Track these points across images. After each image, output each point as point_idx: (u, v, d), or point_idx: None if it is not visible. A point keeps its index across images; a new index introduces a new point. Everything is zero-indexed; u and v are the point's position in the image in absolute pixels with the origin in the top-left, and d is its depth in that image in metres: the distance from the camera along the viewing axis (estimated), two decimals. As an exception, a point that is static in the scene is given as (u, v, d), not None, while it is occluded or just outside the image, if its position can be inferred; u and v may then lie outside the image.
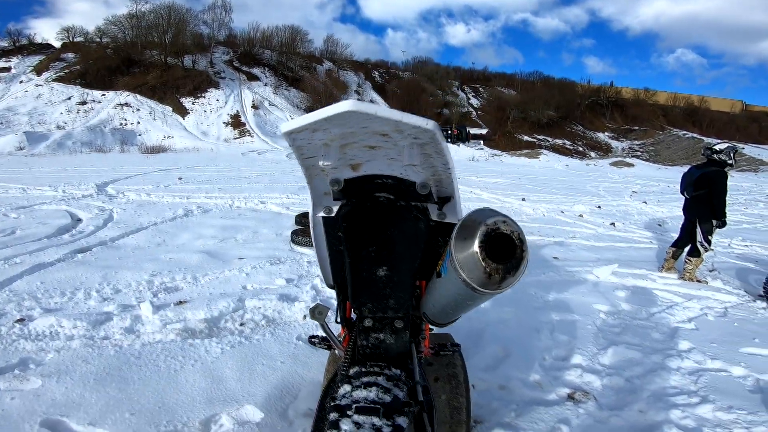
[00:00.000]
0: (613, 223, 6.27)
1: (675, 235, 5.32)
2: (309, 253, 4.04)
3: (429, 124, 0.72)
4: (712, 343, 2.44)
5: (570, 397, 1.83)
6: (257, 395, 1.69)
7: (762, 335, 2.59)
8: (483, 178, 11.23)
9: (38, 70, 29.52)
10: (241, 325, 2.41)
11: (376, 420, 0.68)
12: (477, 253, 0.64)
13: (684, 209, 3.97)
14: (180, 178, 8.06)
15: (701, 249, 3.68)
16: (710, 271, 4.02)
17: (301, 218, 5.04)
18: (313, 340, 1.35)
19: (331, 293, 2.49)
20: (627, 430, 1.68)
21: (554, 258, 4.30)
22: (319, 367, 1.93)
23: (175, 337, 2.17)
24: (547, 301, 3.08)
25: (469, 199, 7.88)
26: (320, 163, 0.85)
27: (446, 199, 0.98)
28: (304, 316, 2.54)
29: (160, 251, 3.76)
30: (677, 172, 12.61)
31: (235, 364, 1.93)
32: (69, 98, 26.11)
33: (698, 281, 3.70)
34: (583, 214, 6.96)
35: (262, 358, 2.00)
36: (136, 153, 14.48)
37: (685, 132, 35.54)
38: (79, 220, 4.69)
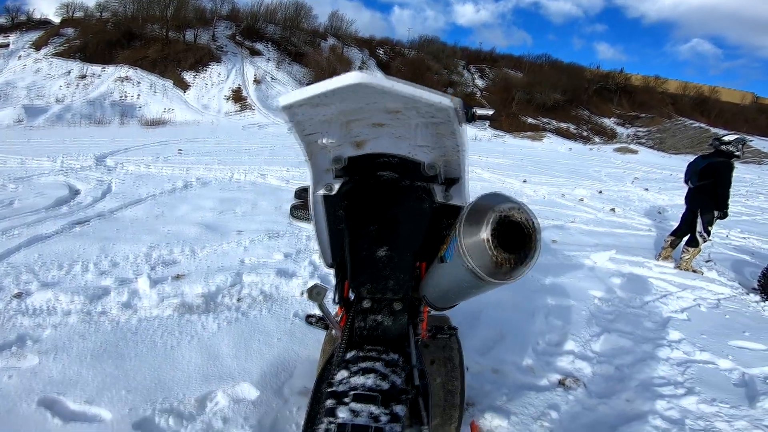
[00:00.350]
0: (613, 209, 6.27)
1: (674, 224, 5.31)
2: (308, 228, 4.04)
3: (451, 101, 0.66)
4: (702, 334, 2.46)
5: (561, 383, 1.86)
6: (253, 372, 1.71)
7: (752, 328, 2.62)
8: (485, 158, 11.15)
9: (37, 46, 28.86)
10: (239, 300, 2.42)
11: (373, 408, 0.67)
12: (487, 240, 0.61)
13: (686, 198, 3.96)
14: (180, 151, 8.00)
15: (700, 239, 3.69)
16: (706, 261, 4.03)
17: (301, 192, 5.02)
18: (310, 319, 1.35)
19: (329, 272, 2.50)
20: (613, 418, 1.70)
21: (553, 241, 4.33)
22: (315, 344, 1.95)
23: (172, 312, 2.18)
24: (544, 284, 3.10)
25: (470, 178, 7.85)
26: (323, 140, 0.81)
27: (453, 180, 0.95)
28: (302, 293, 2.56)
29: (158, 223, 3.76)
30: (681, 161, 12.53)
31: (231, 340, 1.95)
32: (68, 72, 25.67)
33: (694, 271, 3.71)
34: (584, 198, 6.95)
35: (259, 335, 2.02)
36: (136, 126, 14.33)
37: (692, 121, 35.07)
38: (78, 191, 4.66)
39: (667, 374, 2.03)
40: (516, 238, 0.62)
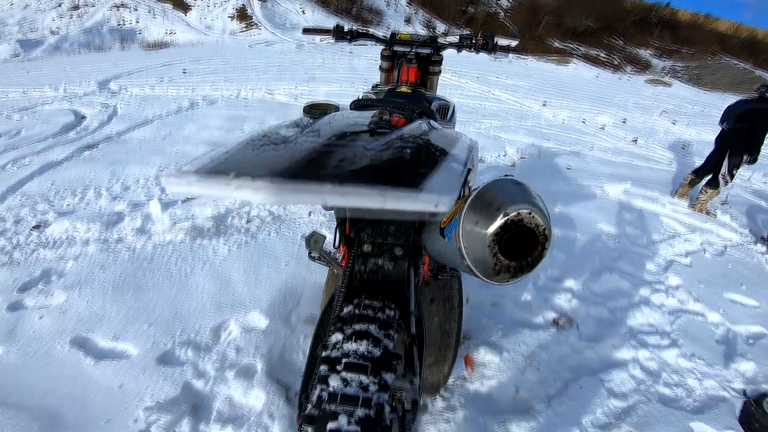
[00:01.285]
0: (635, 139, 6.04)
1: (697, 160, 5.10)
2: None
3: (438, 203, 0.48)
4: (700, 283, 2.49)
5: (555, 322, 1.94)
6: (262, 300, 1.81)
7: (750, 282, 2.63)
8: (504, 79, 10.57)
9: (22, -20, 26.53)
10: (248, 222, 2.48)
11: (363, 377, 0.68)
12: (488, 244, 0.56)
13: (717, 140, 3.80)
14: (184, 71, 7.72)
15: (721, 181, 3.61)
16: (722, 203, 3.97)
17: (310, 109, 4.95)
18: (312, 255, 1.39)
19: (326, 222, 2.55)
20: (597, 363, 1.79)
21: (567, 168, 4.27)
22: (321, 270, 2.04)
23: (184, 237, 2.26)
24: (552, 213, 3.10)
25: (486, 98, 7.54)
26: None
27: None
28: (309, 213, 2.62)
29: (166, 144, 3.77)
30: (718, 98, 11.74)
31: (241, 265, 2.04)
32: (59, 5, 24.01)
33: (708, 213, 3.68)
34: (605, 126, 6.67)
35: (268, 259, 2.11)
36: (138, 49, 13.69)
37: (738, 62, 32.21)
38: (83, 117, 4.60)
39: (657, 322, 2.09)
40: (523, 242, 0.57)
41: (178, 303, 1.77)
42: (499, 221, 0.56)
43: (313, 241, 0.96)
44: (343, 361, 0.69)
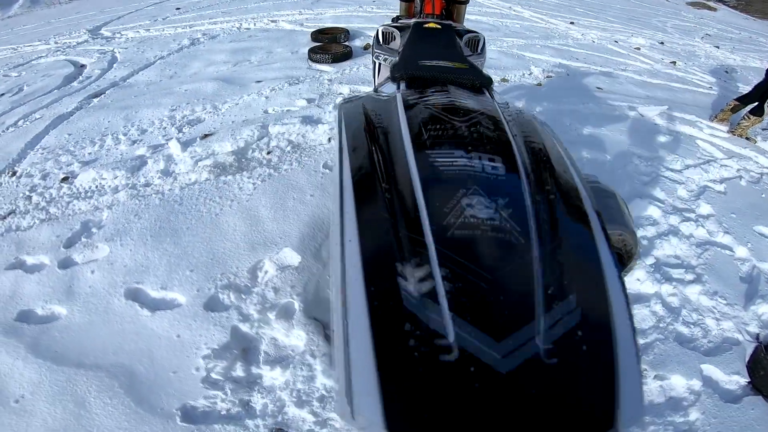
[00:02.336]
0: (674, 62, 5.70)
1: (741, 87, 4.90)
2: (328, 70, 4.02)
3: None
4: (732, 213, 2.49)
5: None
6: (292, 236, 1.92)
7: None
8: (526, -7, 9.83)
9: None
10: (268, 153, 2.57)
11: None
12: None
13: None
14: (178, 9, 7.39)
15: (767, 109, 3.47)
16: (763, 129, 3.85)
17: (318, 35, 4.81)
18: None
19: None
20: None
21: (598, 88, 4.13)
22: None
23: (208, 175, 2.36)
24: (581, 134, 3.09)
25: (506, 15, 7.11)
26: None
27: None
28: (329, 139, 2.70)
29: (173, 84, 3.78)
30: (766, 26, 10.62)
31: (268, 200, 2.14)
32: None
33: (747, 138, 3.60)
34: (640, 47, 6.28)
35: (293, 191, 2.20)
36: None
37: None
38: (83, 66, 4.55)
39: (684, 254, 2.13)
40: None
41: (213, 245, 1.89)
42: None
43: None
44: None
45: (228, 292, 1.70)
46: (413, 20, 1.58)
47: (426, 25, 1.44)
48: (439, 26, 1.42)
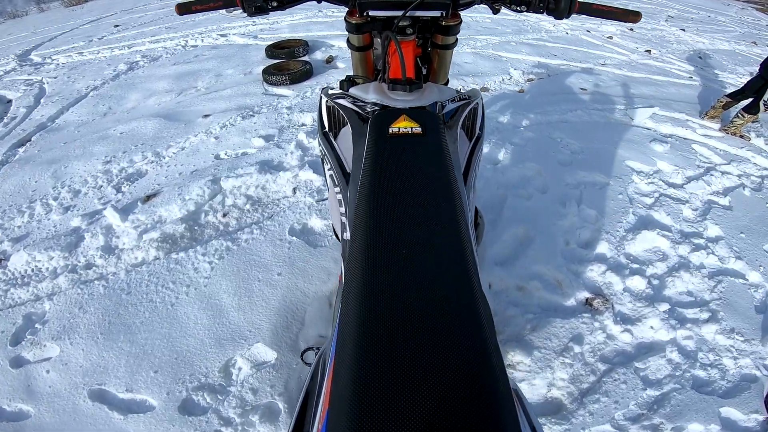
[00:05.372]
0: (648, 50, 5.93)
1: (719, 74, 5.19)
2: (287, 94, 3.93)
3: None
4: (741, 232, 2.57)
5: (588, 303, 2.02)
6: (263, 328, 1.85)
7: None
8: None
9: None
10: (224, 215, 2.46)
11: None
12: None
13: (763, 65, 3.72)
14: (116, 26, 7.17)
15: (762, 107, 3.63)
16: (753, 122, 4.01)
17: (273, 49, 4.72)
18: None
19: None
20: (634, 348, 1.89)
21: (582, 89, 4.26)
22: (319, 273, 2.08)
23: (156, 252, 2.25)
24: (574, 151, 3.14)
25: (475, 9, 7.17)
26: None
27: None
28: (294, 189, 2.61)
29: (108, 124, 3.64)
30: (719, 3, 11.26)
31: (229, 284, 2.05)
32: None
33: (741, 137, 3.76)
34: (612, 36, 6.52)
35: (257, 270, 2.12)
36: (59, 8, 12.50)
37: None
38: (9, 101, 4.36)
39: (696, 289, 2.18)
40: None
41: (174, 342, 1.82)
42: None
43: None
44: None
45: (202, 393, 1.65)
46: (371, 98, 1.11)
47: (394, 130, 0.97)
48: (419, 130, 0.97)
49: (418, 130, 0.97)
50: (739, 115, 3.71)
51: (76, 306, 1.99)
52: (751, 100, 3.72)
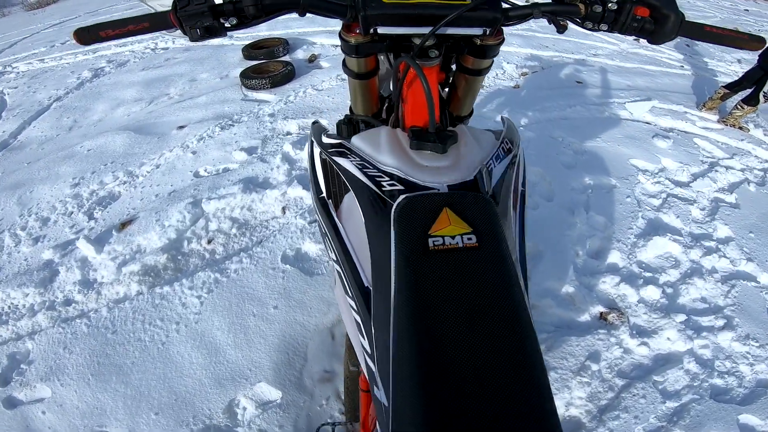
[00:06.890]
0: (637, 39, 6.05)
1: (708, 61, 5.41)
2: (268, 99, 3.85)
3: None
4: (750, 232, 2.64)
5: (603, 317, 2.05)
6: (264, 366, 1.83)
7: None
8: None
9: None
10: (209, 242, 2.40)
11: None
12: None
13: (761, 55, 3.83)
14: None
15: (762, 98, 3.77)
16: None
17: (251, 50, 4.65)
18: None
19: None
20: (650, 361, 1.94)
21: (578, 83, 4.34)
22: (318, 304, 2.05)
23: (138, 286, 2.19)
24: (578, 152, 3.19)
25: None
26: None
27: None
28: (283, 209, 2.55)
29: (73, 140, 3.53)
30: None
31: (222, 320, 2.00)
32: None
33: (741, 128, 3.89)
34: None
35: (251, 304, 2.07)
36: (20, 13, 12.15)
37: None
38: None
39: (710, 295, 2.24)
40: None
41: (171, 382, 1.79)
42: None
43: None
44: None
45: (210, 436, 1.63)
46: (387, 163, 0.81)
47: (437, 241, 0.67)
48: (473, 240, 0.67)
49: (471, 240, 0.67)
50: (739, 107, 3.83)
51: (60, 346, 1.94)
52: (750, 91, 3.84)
